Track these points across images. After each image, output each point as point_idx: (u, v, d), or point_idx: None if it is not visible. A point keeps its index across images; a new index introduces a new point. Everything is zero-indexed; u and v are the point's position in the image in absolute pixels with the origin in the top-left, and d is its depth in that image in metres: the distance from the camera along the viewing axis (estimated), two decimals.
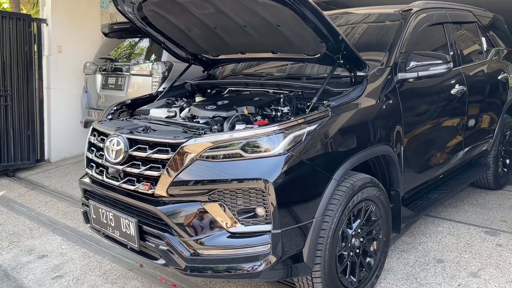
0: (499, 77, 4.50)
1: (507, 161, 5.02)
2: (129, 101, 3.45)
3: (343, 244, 2.65)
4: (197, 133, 2.47)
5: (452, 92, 3.64)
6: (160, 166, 2.38)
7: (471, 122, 4.00)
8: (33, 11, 9.17)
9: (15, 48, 6.03)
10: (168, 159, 2.34)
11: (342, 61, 2.79)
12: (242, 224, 2.31)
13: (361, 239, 2.79)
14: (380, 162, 3.00)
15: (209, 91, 3.72)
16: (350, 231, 2.69)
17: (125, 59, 6.17)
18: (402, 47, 3.22)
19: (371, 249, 2.89)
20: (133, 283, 3.21)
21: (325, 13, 4.27)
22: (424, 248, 3.44)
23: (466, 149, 3.98)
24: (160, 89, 3.84)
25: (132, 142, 2.53)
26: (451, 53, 3.86)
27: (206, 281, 3.14)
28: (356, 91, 2.78)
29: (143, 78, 5.65)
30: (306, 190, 2.39)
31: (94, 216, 2.79)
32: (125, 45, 6.45)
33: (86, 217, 2.92)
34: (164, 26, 3.33)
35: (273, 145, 2.30)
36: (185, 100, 3.39)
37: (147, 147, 2.46)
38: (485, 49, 4.51)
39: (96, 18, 6.92)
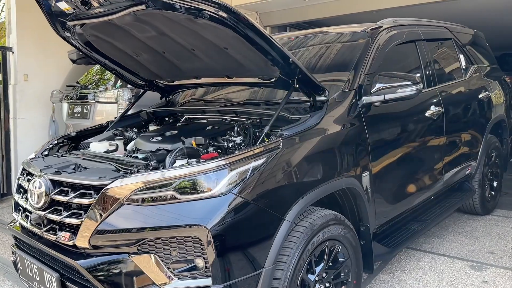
0: (479, 96, 4.24)
1: (494, 183, 4.73)
2: (74, 133, 3.14)
3: None
4: (129, 171, 2.16)
5: (426, 114, 3.36)
6: (82, 212, 2.06)
7: (451, 145, 3.72)
8: (3, 40, 8.94)
9: None
10: (90, 204, 2.03)
11: (297, 85, 2.51)
12: (178, 278, 1.97)
13: (327, 285, 2.46)
14: (346, 195, 2.69)
15: (166, 119, 3.43)
16: (312, 277, 2.35)
17: (93, 86, 5.90)
18: (367, 68, 2.95)
19: None
20: None
21: (292, 33, 4.08)
22: (403, 287, 3.10)
23: (447, 175, 3.69)
24: (112, 119, 3.54)
25: (55, 184, 2.21)
26: (426, 72, 3.61)
27: None
28: (314, 118, 2.49)
29: (110, 106, 5.36)
30: (253, 235, 2.07)
31: (21, 268, 2.45)
32: (94, 71, 6.20)
33: (16, 267, 2.58)
34: (110, 51, 3.06)
35: (212, 184, 1.99)
36: (136, 130, 3.09)
37: (69, 189, 2.14)
38: (463, 67, 4.26)
39: (64, 44, 6.64)
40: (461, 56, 4.29)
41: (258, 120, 2.77)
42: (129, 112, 3.51)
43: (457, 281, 3.15)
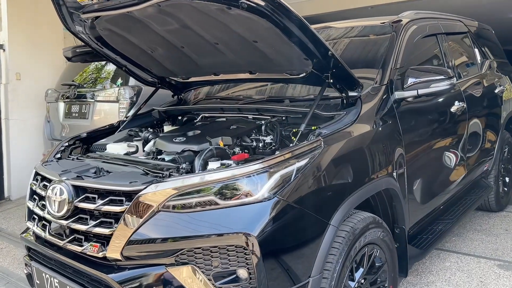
0: (496, 91, 4.16)
1: (507, 179, 4.66)
2: (85, 134, 2.94)
3: None
4: (160, 175, 1.99)
5: (452, 109, 3.25)
6: (113, 221, 1.88)
7: (473, 141, 3.62)
8: None
9: None
10: (122, 212, 1.85)
11: (331, 80, 2.36)
12: None
13: None
14: (381, 196, 2.56)
15: (179, 118, 3.25)
16: (352, 284, 2.22)
17: (90, 85, 5.66)
18: (396, 62, 2.82)
19: None
20: None
21: (315, 26, 3.92)
22: None
23: (469, 171, 3.59)
24: (124, 118, 3.34)
25: (79, 190, 2.02)
26: (448, 66, 3.49)
27: None
28: (350, 114, 2.35)
29: (110, 105, 5.14)
30: (299, 242, 1.92)
31: (38, 282, 2.25)
32: (90, 69, 5.95)
33: (31, 280, 2.38)
34: (123, 46, 2.87)
35: (256, 188, 1.83)
36: (151, 130, 2.91)
37: (96, 196, 1.96)
38: (479, 61, 4.17)
39: (59, 41, 6.42)
40: (476, 50, 4.20)
41: (283, 118, 2.62)
42: (140, 111, 3.31)
43: (488, 282, 3.05)
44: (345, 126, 2.27)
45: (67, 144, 2.77)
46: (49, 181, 2.19)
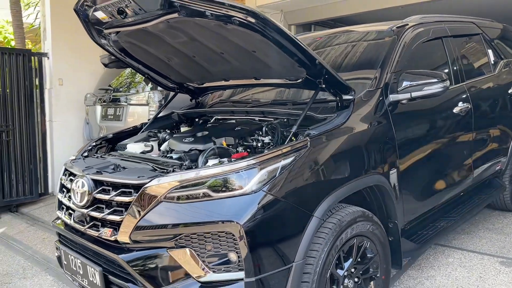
0: (510, 91, 4.19)
1: None
2: (111, 135, 3.30)
3: (334, 286, 2.39)
4: (165, 171, 2.29)
5: (454, 111, 3.37)
6: (124, 209, 2.20)
7: (480, 142, 3.70)
8: (39, 46, 9.30)
9: (15, 83, 6.04)
10: (131, 202, 2.16)
11: (324, 86, 2.58)
12: (213, 271, 2.08)
13: (356, 280, 2.52)
14: (374, 193, 2.74)
15: (196, 120, 3.56)
16: (341, 272, 2.42)
17: (125, 89, 6.11)
18: (394, 66, 2.99)
19: None
20: None
21: (318, 33, 4.14)
22: (432, 283, 3.13)
23: (476, 171, 3.67)
24: (145, 121, 3.69)
25: (97, 183, 2.36)
26: (453, 68, 3.60)
27: None
28: (340, 117, 2.55)
29: (141, 108, 5.55)
30: (283, 231, 2.15)
31: (65, 262, 2.61)
32: (125, 75, 6.41)
33: (60, 262, 2.75)
34: (143, 56, 3.20)
35: (244, 182, 2.09)
36: (168, 131, 3.23)
37: (111, 188, 2.28)
38: (492, 62, 4.22)
39: (97, 49, 6.89)
40: (490, 51, 4.24)
41: (285, 120, 2.85)
42: (161, 114, 3.64)
43: (487, 277, 3.15)
44: (334, 127, 2.47)
45: (94, 144, 3.14)
46: (74, 175, 2.54)
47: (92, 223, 2.35)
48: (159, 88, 5.40)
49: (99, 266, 2.30)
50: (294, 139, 2.36)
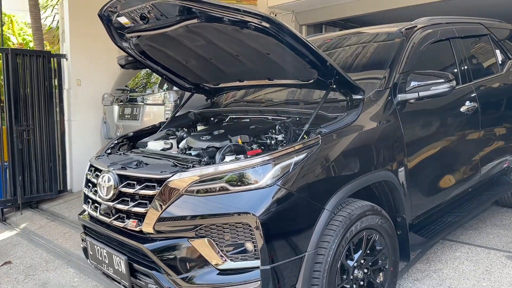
0: None
1: None
2: (131, 133, 3.48)
3: (344, 276, 2.53)
4: (185, 166, 2.44)
5: (461, 110, 3.48)
6: (147, 202, 2.36)
7: (487, 140, 3.80)
8: (57, 47, 9.55)
9: (35, 84, 6.26)
10: (154, 195, 2.32)
11: (335, 86, 2.72)
12: (230, 260, 2.24)
13: (365, 271, 2.65)
14: (383, 188, 2.87)
15: (211, 119, 3.71)
16: (351, 263, 2.56)
17: (141, 89, 6.29)
18: (402, 66, 3.11)
19: (378, 280, 2.74)
20: None
21: (328, 35, 4.27)
22: (440, 276, 3.24)
23: (483, 169, 3.78)
24: (161, 120, 3.86)
25: (122, 178, 2.53)
26: (461, 68, 3.71)
27: None
28: (350, 116, 2.69)
29: (157, 107, 5.72)
30: (296, 222, 2.30)
31: (91, 253, 2.79)
32: (141, 75, 6.60)
33: (86, 253, 2.93)
34: (162, 58, 3.37)
35: (259, 177, 2.24)
36: (185, 130, 3.39)
37: (135, 183, 2.45)
38: (500, 62, 4.31)
39: (113, 50, 7.09)
40: (497, 52, 4.33)
41: (297, 118, 2.99)
42: (178, 114, 3.80)
43: (493, 270, 3.26)
44: (344, 126, 2.61)
45: (116, 142, 3.31)
46: (100, 171, 2.72)
47: (117, 215, 2.52)
48: (174, 88, 5.60)
49: (124, 255, 2.47)
50: (306, 137, 2.50)
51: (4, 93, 6.09)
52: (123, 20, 2.83)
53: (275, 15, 9.37)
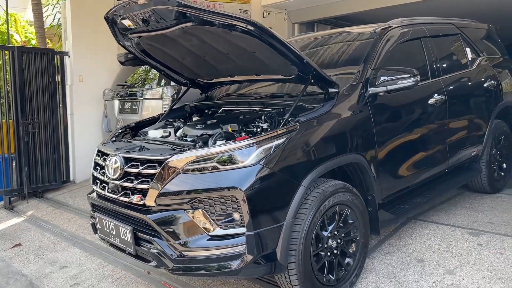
0: (485, 85, 4.69)
1: (504, 165, 5.14)
2: (133, 124, 3.86)
3: (320, 245, 2.93)
4: (182, 149, 2.84)
5: (430, 102, 3.88)
6: (150, 180, 2.76)
7: (455, 130, 4.21)
8: (58, 45, 9.89)
9: (40, 80, 6.63)
10: (155, 174, 2.72)
11: (312, 80, 3.11)
12: (220, 228, 2.64)
13: (339, 241, 3.05)
14: (355, 170, 3.27)
15: (206, 111, 4.10)
16: (325, 233, 2.96)
17: (140, 85, 6.67)
18: (374, 63, 3.51)
19: (350, 250, 3.15)
20: None
21: (314, 34, 4.66)
22: (408, 249, 3.66)
23: (451, 155, 4.18)
24: (162, 112, 4.25)
25: (127, 160, 2.92)
26: (431, 65, 4.11)
27: (205, 284, 3.46)
28: (325, 106, 3.09)
29: (155, 102, 6.10)
30: (276, 196, 2.70)
31: (99, 227, 3.18)
32: (140, 72, 6.97)
33: (94, 228, 3.32)
34: (161, 56, 3.75)
35: (245, 157, 2.64)
36: (182, 121, 3.78)
37: (139, 164, 2.84)
38: (470, 59, 4.71)
39: (114, 48, 7.46)
40: (468, 49, 4.73)
41: (281, 109, 3.38)
42: (175, 106, 4.19)
43: (455, 244, 3.67)
44: (319, 115, 3.01)
45: (120, 131, 3.70)
46: (107, 155, 3.11)
47: (123, 192, 2.91)
48: (171, 83, 5.98)
49: (129, 226, 2.87)
50: (287, 125, 2.90)
51: (11, 88, 6.46)
52: (126, 22, 3.21)
53: (268, 13, 9.77)
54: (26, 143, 6.51)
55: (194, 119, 3.99)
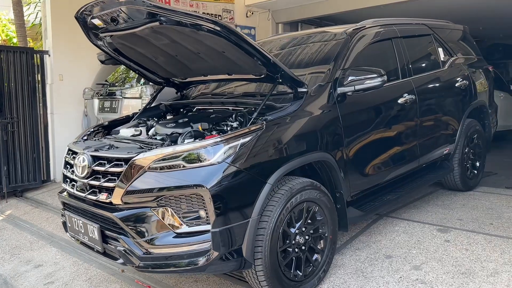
0: (457, 84, 4.78)
1: (477, 163, 5.25)
2: (106, 123, 3.88)
3: (287, 241, 2.98)
4: (149, 148, 2.87)
5: (399, 101, 3.95)
6: (116, 178, 2.78)
7: (425, 128, 4.29)
8: (40, 43, 9.82)
9: (19, 79, 6.60)
10: (122, 172, 2.74)
11: (281, 80, 3.16)
12: (186, 225, 2.67)
13: (306, 237, 3.10)
14: (324, 168, 3.33)
15: (181, 110, 4.13)
16: (293, 230, 3.01)
17: (120, 84, 6.67)
18: (343, 63, 3.56)
19: (318, 246, 3.20)
20: (114, 286, 3.59)
21: (289, 34, 4.71)
22: (377, 245, 3.73)
23: (422, 154, 4.26)
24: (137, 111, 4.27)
25: (95, 159, 2.94)
26: (401, 65, 4.18)
27: (177, 281, 3.49)
28: (293, 106, 3.14)
29: (135, 101, 6.11)
30: (242, 193, 2.74)
31: (69, 225, 3.20)
32: (120, 71, 6.97)
33: (65, 226, 3.33)
34: (134, 55, 3.77)
35: (211, 155, 2.67)
36: (155, 119, 3.80)
37: (106, 162, 2.87)
38: (442, 59, 4.80)
39: (93, 47, 7.42)
40: (440, 50, 4.82)
41: (253, 108, 3.42)
42: (151, 105, 4.21)
43: (424, 240, 3.75)
44: (287, 114, 3.06)
45: (92, 130, 3.72)
46: (76, 153, 3.13)
47: (91, 190, 2.93)
48: (151, 83, 5.99)
49: (97, 224, 2.89)
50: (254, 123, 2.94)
51: None
52: (96, 21, 3.23)
53: (252, 13, 9.81)
54: (5, 142, 6.48)
55: (168, 117, 4.01)
